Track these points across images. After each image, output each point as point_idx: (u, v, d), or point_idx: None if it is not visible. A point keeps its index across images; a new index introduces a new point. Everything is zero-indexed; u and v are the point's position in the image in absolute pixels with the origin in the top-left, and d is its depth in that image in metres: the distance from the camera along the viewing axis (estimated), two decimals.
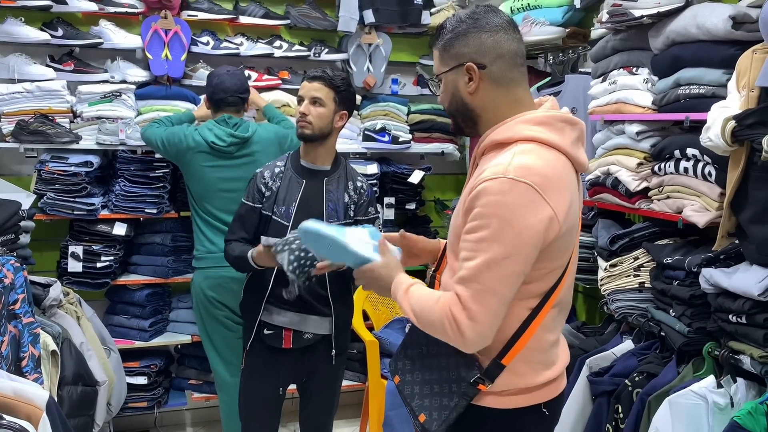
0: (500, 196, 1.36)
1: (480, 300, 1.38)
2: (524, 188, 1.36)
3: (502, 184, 1.36)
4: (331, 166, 2.43)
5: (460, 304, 1.40)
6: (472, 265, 1.38)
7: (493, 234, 1.36)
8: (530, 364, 1.52)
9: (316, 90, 2.34)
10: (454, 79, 1.53)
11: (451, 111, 1.58)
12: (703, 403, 2.00)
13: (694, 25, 2.14)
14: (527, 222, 1.36)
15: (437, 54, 1.56)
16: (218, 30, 3.62)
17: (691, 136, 2.18)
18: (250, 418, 2.50)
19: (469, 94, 1.52)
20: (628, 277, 2.45)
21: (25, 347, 2.42)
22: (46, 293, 2.83)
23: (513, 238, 1.36)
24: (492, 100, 1.51)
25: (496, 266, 1.37)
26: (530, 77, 3.25)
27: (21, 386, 2.12)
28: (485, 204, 1.37)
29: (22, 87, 3.18)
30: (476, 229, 1.39)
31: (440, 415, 1.52)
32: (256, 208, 2.38)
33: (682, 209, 2.22)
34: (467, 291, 1.39)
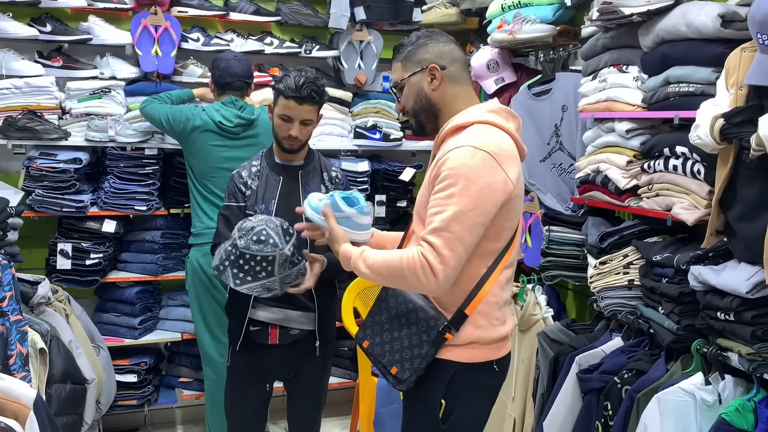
0: (465, 160, 1.65)
1: (450, 246, 1.64)
2: (484, 155, 1.66)
3: (465, 150, 1.66)
4: (305, 160, 2.45)
5: (434, 251, 1.64)
6: (443, 217, 1.64)
7: (461, 190, 1.63)
8: (488, 318, 1.79)
9: (307, 112, 2.32)
10: (418, 81, 1.83)
11: (416, 109, 1.86)
12: (692, 400, 2.01)
13: (683, 23, 2.14)
14: (487, 181, 1.64)
15: (399, 65, 1.87)
16: (208, 26, 3.61)
17: (680, 134, 2.19)
18: (236, 417, 2.49)
19: (432, 91, 1.82)
20: (617, 274, 2.46)
21: (13, 345, 2.40)
22: (34, 291, 2.81)
23: (477, 194, 1.63)
24: (451, 95, 1.83)
25: (464, 217, 1.63)
26: (521, 75, 3.31)
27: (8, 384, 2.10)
28: (452, 167, 1.65)
29: (10, 83, 3.15)
30: (445, 188, 1.65)
31: (412, 365, 1.77)
32: (240, 206, 2.39)
33: (671, 207, 2.23)
34: (439, 239, 1.64)
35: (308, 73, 2.33)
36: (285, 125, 2.33)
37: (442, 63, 1.81)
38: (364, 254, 1.77)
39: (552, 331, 2.75)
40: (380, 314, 1.89)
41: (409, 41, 1.87)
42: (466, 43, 3.91)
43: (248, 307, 2.38)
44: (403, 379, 1.78)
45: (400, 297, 1.85)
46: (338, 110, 3.67)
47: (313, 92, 2.30)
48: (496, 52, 3.30)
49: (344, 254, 1.82)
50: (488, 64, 3.31)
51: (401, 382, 1.79)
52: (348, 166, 3.63)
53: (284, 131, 2.33)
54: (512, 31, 3.08)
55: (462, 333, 1.77)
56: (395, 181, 3.76)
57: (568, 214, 2.93)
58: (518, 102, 3.13)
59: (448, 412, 1.78)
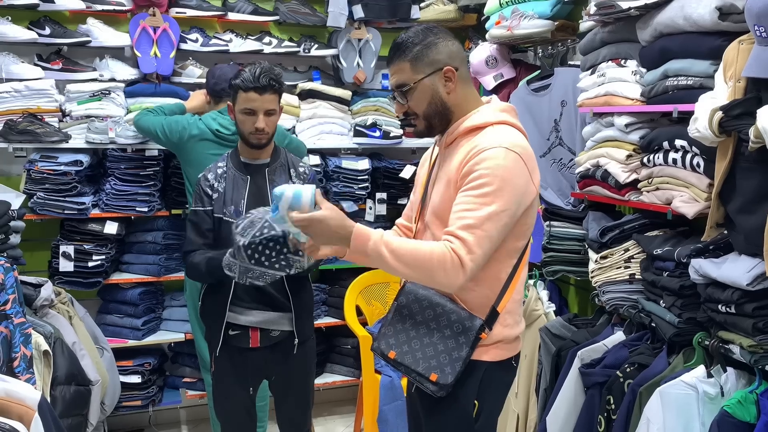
0: (500, 160, 1.64)
1: (481, 244, 1.63)
2: (515, 156, 1.66)
3: (499, 151, 1.65)
4: (271, 157, 2.44)
5: (465, 247, 1.62)
6: (477, 215, 1.63)
7: (495, 191, 1.63)
8: (513, 316, 1.81)
9: (269, 102, 2.31)
10: (432, 84, 1.75)
11: (429, 113, 1.78)
12: (694, 392, 2.01)
13: (681, 16, 2.14)
14: (519, 183, 1.66)
15: (408, 66, 1.75)
16: (207, 27, 3.61)
17: (679, 128, 2.19)
18: (226, 420, 2.50)
19: (447, 94, 1.76)
20: (618, 268, 2.46)
21: (17, 347, 2.41)
22: (37, 293, 2.82)
23: (510, 195, 1.64)
24: (463, 96, 1.79)
25: (497, 217, 1.63)
26: (520, 70, 3.31)
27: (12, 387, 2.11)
28: (488, 167, 1.64)
29: (10, 86, 3.16)
30: (480, 186, 1.64)
31: (453, 368, 1.73)
32: (207, 210, 2.36)
33: (671, 200, 2.23)
34: (473, 236, 1.62)
35: (263, 64, 2.31)
36: (249, 119, 2.31)
37: (455, 64, 1.75)
38: (386, 238, 1.64)
39: (554, 326, 2.75)
40: (402, 321, 1.81)
41: (415, 39, 1.75)
42: (464, 39, 3.91)
43: (225, 311, 2.34)
44: (446, 384, 1.72)
45: (424, 302, 1.78)
46: (338, 109, 3.67)
47: (272, 80, 2.29)
48: (495, 48, 3.30)
49: (360, 236, 1.64)
50: (487, 60, 3.31)
51: (443, 387, 1.72)
52: (348, 164, 3.63)
53: (250, 125, 2.31)
54: (510, 27, 3.08)
55: (492, 333, 1.76)
56: (396, 178, 3.76)
57: (568, 209, 2.93)
58: (517, 98, 3.13)
59: (479, 412, 1.78)
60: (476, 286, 1.74)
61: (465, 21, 3.78)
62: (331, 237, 1.67)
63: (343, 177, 3.64)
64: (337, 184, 3.64)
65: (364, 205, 3.73)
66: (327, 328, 3.75)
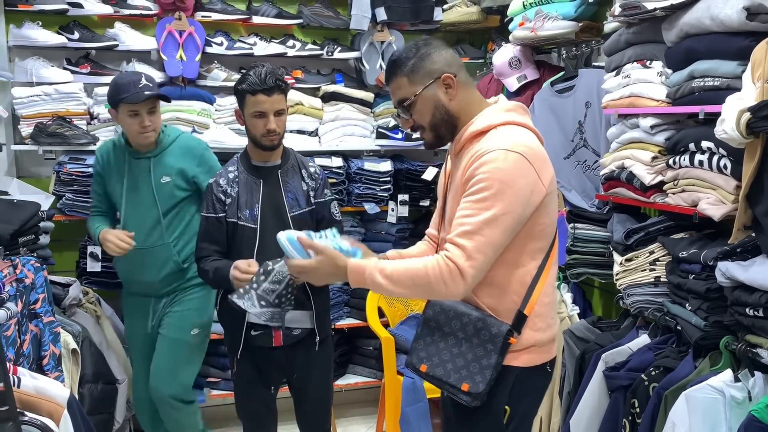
0: (498, 163, 1.63)
1: (482, 249, 1.63)
2: (516, 157, 1.63)
3: (497, 154, 1.64)
4: (281, 158, 2.44)
5: (464, 254, 1.62)
6: (475, 221, 1.62)
7: (494, 194, 1.61)
8: (545, 319, 1.78)
9: (278, 102, 2.31)
10: (433, 94, 1.76)
11: (435, 123, 1.79)
12: (721, 397, 1.99)
13: (707, 16, 2.12)
14: (521, 184, 1.63)
15: (405, 81, 1.77)
16: (232, 30, 3.65)
17: (705, 129, 2.16)
18: (248, 419, 2.52)
19: (450, 101, 1.77)
20: (643, 271, 2.44)
21: (46, 346, 2.46)
22: (65, 293, 2.88)
23: (510, 198, 1.62)
24: (466, 101, 1.78)
25: (496, 222, 1.62)
26: (544, 72, 3.30)
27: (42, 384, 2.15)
28: (486, 171, 1.63)
29: (40, 90, 3.22)
30: (479, 191, 1.63)
31: (484, 377, 1.72)
32: (220, 217, 2.37)
33: (697, 202, 2.21)
34: (471, 242, 1.62)
35: (266, 66, 2.32)
36: (260, 122, 2.31)
37: (452, 70, 1.76)
38: (380, 265, 1.69)
39: (578, 329, 2.73)
40: (431, 334, 1.83)
41: (408, 54, 1.77)
42: (487, 41, 3.91)
43: (244, 313, 2.33)
44: (478, 393, 1.71)
45: (450, 312, 1.79)
46: (360, 111, 3.69)
47: (278, 80, 2.30)
48: (518, 49, 3.29)
49: (355, 269, 1.71)
50: (510, 62, 3.30)
51: (476, 396, 1.72)
52: (370, 166, 3.65)
53: (261, 128, 2.31)
54: (534, 28, 3.07)
55: (522, 337, 1.75)
56: (418, 180, 3.76)
57: (593, 211, 2.91)
58: (541, 99, 3.12)
59: (510, 418, 1.78)
60: (500, 291, 1.74)
61: (488, 22, 3.78)
62: (328, 278, 1.81)
63: (365, 179, 3.65)
64: (359, 186, 3.65)
65: (386, 206, 3.74)
66: (349, 330, 3.76)
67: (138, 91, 2.56)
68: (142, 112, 2.59)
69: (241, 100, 2.34)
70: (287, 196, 2.38)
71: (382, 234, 3.81)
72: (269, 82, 2.27)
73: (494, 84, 3.47)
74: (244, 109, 2.34)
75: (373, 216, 3.76)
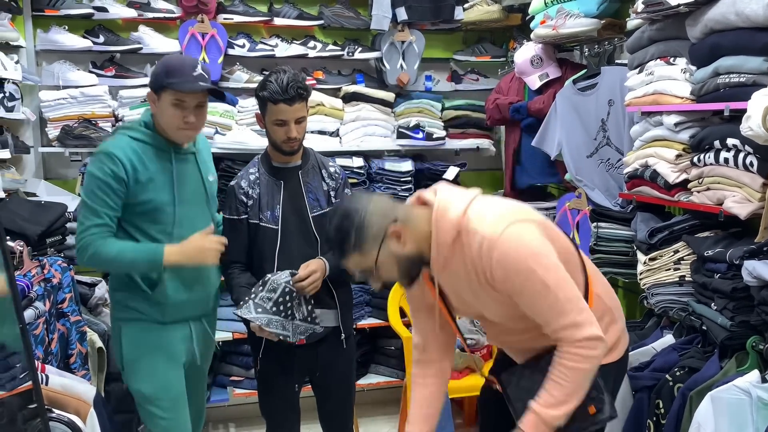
0: (511, 249, 1.63)
1: (578, 308, 1.66)
2: (515, 229, 1.64)
3: (503, 241, 1.63)
4: (302, 159, 2.44)
5: (578, 327, 1.64)
6: (555, 302, 1.64)
7: (538, 273, 1.62)
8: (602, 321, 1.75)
9: (299, 110, 2.30)
10: (389, 252, 1.71)
11: (405, 270, 1.75)
12: (747, 398, 1.96)
13: (732, 12, 2.09)
14: (538, 244, 1.65)
15: (356, 257, 1.72)
16: (253, 32, 3.68)
17: (731, 126, 2.14)
18: (271, 417, 2.53)
19: (405, 245, 1.72)
20: (668, 270, 2.41)
21: (73, 345, 2.50)
22: (92, 292, 2.92)
23: (545, 261, 1.64)
24: (418, 231, 1.72)
25: (559, 284, 1.64)
26: (566, 70, 3.27)
27: (70, 382, 2.20)
28: (512, 262, 1.63)
29: (66, 93, 3.28)
30: (529, 282, 1.63)
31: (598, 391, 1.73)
32: (242, 219, 2.39)
33: (722, 201, 2.18)
34: (570, 315, 1.64)
35: (288, 72, 2.30)
36: (281, 129, 2.31)
37: (391, 219, 1.70)
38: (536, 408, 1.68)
39: None
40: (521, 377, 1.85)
41: (344, 229, 1.70)
42: (509, 39, 3.89)
43: None
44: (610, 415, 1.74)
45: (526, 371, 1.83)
46: (381, 111, 3.70)
47: (300, 89, 2.28)
48: (540, 47, 3.27)
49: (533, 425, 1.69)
50: (532, 60, 3.28)
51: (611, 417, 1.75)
52: (391, 166, 3.65)
53: (282, 135, 2.32)
54: (556, 26, 3.05)
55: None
56: (439, 180, 3.75)
57: (616, 210, 2.89)
58: (563, 97, 3.10)
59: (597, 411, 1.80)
60: None
61: (509, 21, 3.76)
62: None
63: (386, 179, 3.65)
64: (380, 186, 3.65)
65: None
66: (371, 329, 3.77)
67: (192, 79, 2.11)
68: (189, 104, 2.13)
69: (262, 107, 2.35)
70: (308, 197, 2.40)
71: None
72: (290, 92, 2.25)
73: (516, 83, 3.45)
74: (264, 115, 2.35)
75: None
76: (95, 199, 2.09)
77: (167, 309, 2.21)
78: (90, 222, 2.09)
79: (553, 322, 1.65)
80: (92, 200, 2.10)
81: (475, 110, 3.77)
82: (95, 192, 2.09)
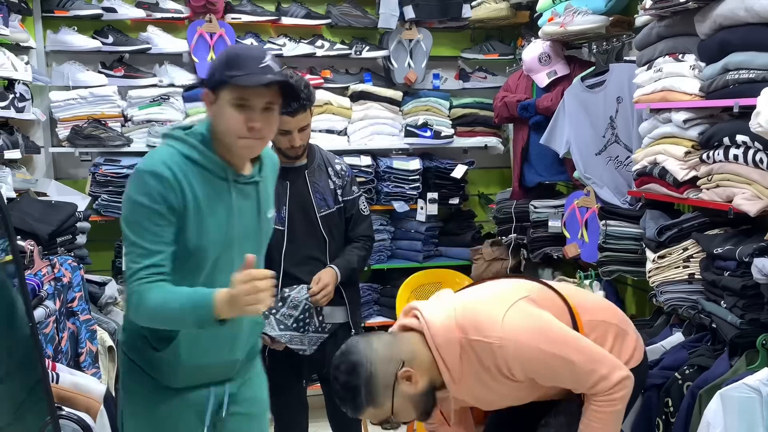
0: (520, 341, 1.67)
1: (598, 362, 1.73)
2: (516, 311, 1.71)
3: (506, 333, 1.67)
4: (307, 158, 2.44)
5: (607, 380, 1.71)
6: (578, 369, 1.70)
7: (549, 354, 1.68)
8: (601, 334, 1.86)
9: (302, 120, 2.30)
10: (403, 395, 1.68)
11: (421, 409, 1.73)
12: (757, 396, 1.94)
13: (742, 7, 2.07)
14: (539, 323, 1.72)
15: (371, 410, 1.69)
16: (261, 32, 3.69)
17: (740, 123, 2.12)
18: (280, 413, 2.54)
19: (417, 385, 1.70)
20: (677, 268, 2.40)
21: (83, 343, 2.52)
22: (102, 291, 2.94)
23: (552, 336, 1.70)
24: (422, 367, 1.70)
25: (575, 352, 1.70)
26: (574, 67, 3.26)
27: (80, 380, 2.21)
28: (525, 353, 1.67)
29: (76, 93, 3.31)
30: (545, 365, 1.69)
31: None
32: None
33: (732, 198, 2.16)
34: (596, 373, 1.71)
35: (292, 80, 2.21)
36: (285, 138, 2.31)
37: (397, 363, 1.67)
38: None
39: None
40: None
41: (351, 387, 1.66)
42: (517, 37, 3.88)
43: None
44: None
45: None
46: (389, 109, 3.70)
47: (302, 100, 2.26)
48: (548, 45, 3.26)
49: None
50: (540, 58, 3.27)
51: None
52: (399, 164, 3.65)
53: (286, 144, 2.32)
54: (564, 23, 3.04)
55: None
56: (447, 178, 3.76)
57: (625, 208, 2.87)
58: (572, 95, 3.09)
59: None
60: None
61: (517, 18, 3.75)
62: None
63: (394, 177, 3.66)
64: (388, 185, 3.66)
65: (415, 205, 3.75)
66: (379, 328, 3.77)
67: (258, 71, 1.59)
68: (255, 105, 1.62)
69: None
70: (315, 197, 2.40)
71: (411, 232, 3.82)
72: (293, 106, 2.24)
73: (524, 80, 3.44)
74: None
75: (403, 214, 3.76)
76: (142, 233, 1.61)
77: (178, 373, 1.73)
78: (137, 264, 1.61)
79: (583, 384, 1.74)
80: (138, 234, 1.61)
81: (483, 108, 3.77)
82: (141, 223, 1.61)
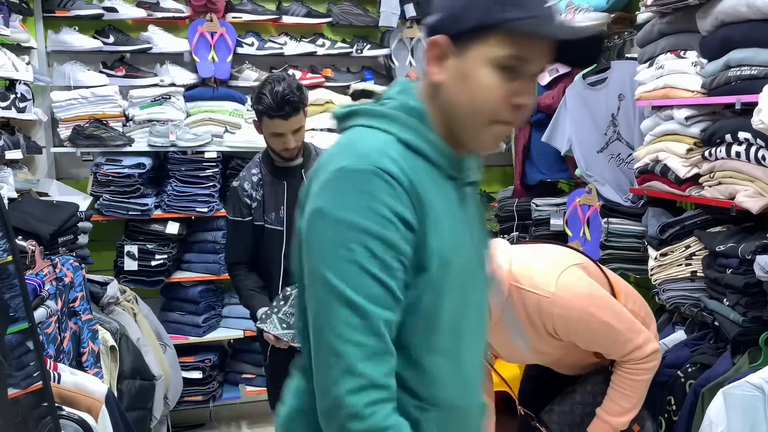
0: (566, 305, 1.77)
1: (636, 332, 1.86)
2: (568, 276, 1.81)
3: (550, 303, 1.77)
4: (303, 156, 2.44)
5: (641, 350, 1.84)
6: (618, 336, 1.83)
7: (595, 318, 1.78)
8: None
9: (295, 122, 2.29)
10: None
11: None
12: (760, 394, 1.94)
13: (744, 3, 2.06)
14: (589, 289, 1.83)
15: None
16: (262, 30, 3.68)
17: (742, 120, 2.11)
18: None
19: None
20: (679, 266, 2.39)
21: (85, 343, 2.52)
22: (104, 291, 2.94)
23: (599, 302, 1.81)
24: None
25: (617, 320, 1.83)
26: None
27: (82, 380, 2.21)
28: (568, 319, 1.78)
29: (77, 93, 3.30)
30: (588, 327, 1.80)
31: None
32: (246, 221, 2.40)
33: (734, 195, 2.15)
34: (632, 342, 1.84)
35: (282, 84, 2.25)
36: (279, 140, 2.31)
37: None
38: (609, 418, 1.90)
39: None
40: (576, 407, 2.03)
41: None
42: None
43: None
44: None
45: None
46: None
47: (295, 103, 2.26)
48: None
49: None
50: None
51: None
52: None
53: (280, 146, 2.32)
54: (565, 20, 3.03)
55: None
56: None
57: (627, 206, 2.86)
58: (573, 92, 3.08)
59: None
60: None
61: None
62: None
63: None
64: None
65: None
66: None
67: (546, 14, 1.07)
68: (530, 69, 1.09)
69: (258, 118, 2.34)
70: None
71: None
72: (286, 108, 2.23)
73: None
74: (261, 126, 2.34)
75: None
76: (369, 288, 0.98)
77: None
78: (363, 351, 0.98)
79: (618, 351, 1.84)
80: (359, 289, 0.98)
81: None
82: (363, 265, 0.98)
